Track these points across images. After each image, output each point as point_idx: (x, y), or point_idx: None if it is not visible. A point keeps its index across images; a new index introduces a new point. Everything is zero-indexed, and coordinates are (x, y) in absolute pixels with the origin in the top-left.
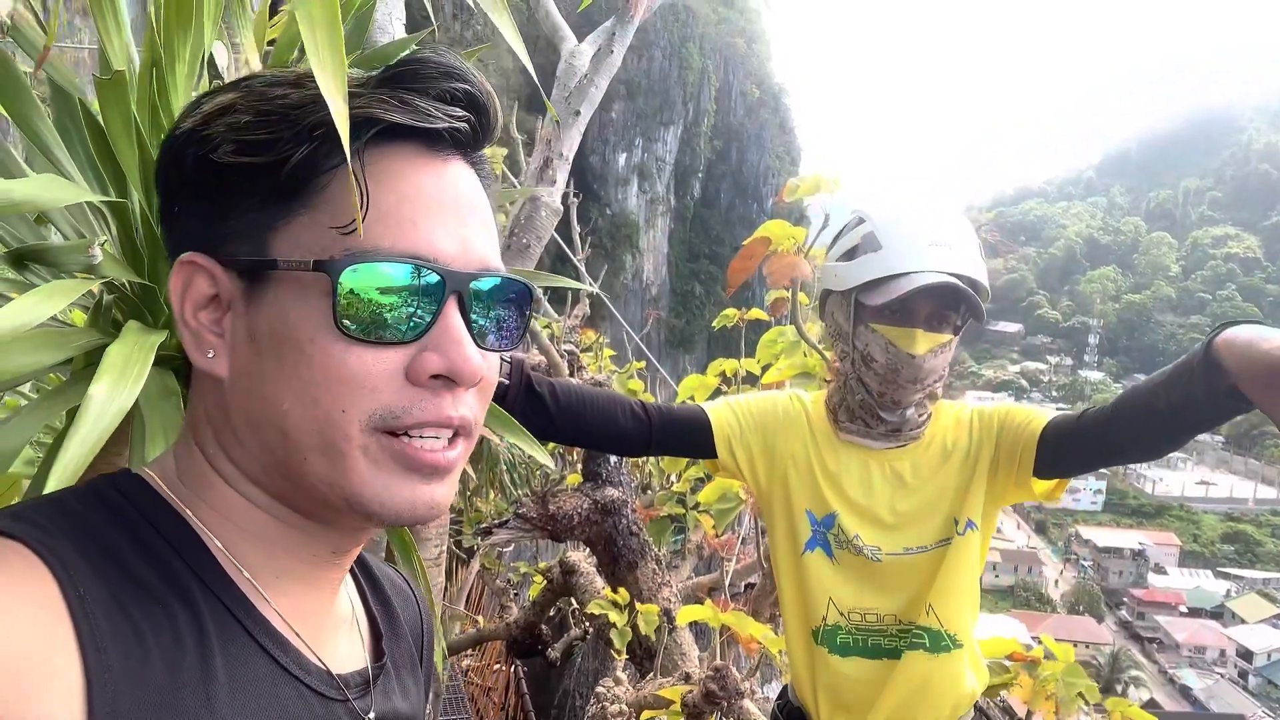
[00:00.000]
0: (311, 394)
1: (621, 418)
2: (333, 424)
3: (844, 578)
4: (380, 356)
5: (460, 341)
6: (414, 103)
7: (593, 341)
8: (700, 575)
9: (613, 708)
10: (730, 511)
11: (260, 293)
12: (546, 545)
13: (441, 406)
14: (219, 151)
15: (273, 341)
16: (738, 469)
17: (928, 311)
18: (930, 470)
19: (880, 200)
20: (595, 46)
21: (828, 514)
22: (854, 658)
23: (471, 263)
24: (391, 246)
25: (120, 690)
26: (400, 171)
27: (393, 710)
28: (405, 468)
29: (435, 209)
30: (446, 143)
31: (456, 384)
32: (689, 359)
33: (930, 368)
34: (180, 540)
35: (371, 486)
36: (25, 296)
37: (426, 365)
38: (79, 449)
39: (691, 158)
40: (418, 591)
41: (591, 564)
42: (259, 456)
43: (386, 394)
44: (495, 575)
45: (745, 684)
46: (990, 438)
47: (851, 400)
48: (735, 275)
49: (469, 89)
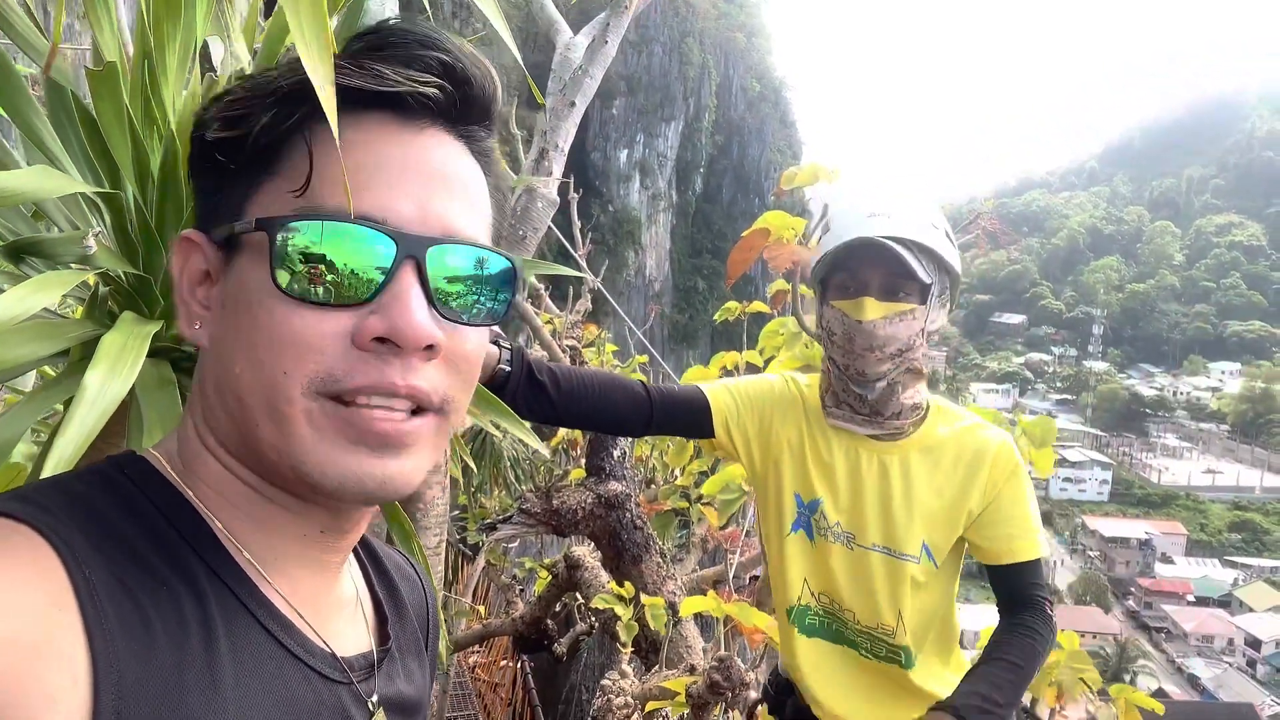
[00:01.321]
0: (258, 356)
1: (622, 399)
2: (275, 386)
3: (819, 562)
4: (325, 318)
5: (407, 306)
6: (374, 68)
7: (595, 337)
8: (705, 568)
9: (618, 700)
10: (734, 502)
11: (233, 262)
12: (552, 540)
13: (386, 372)
14: (209, 130)
15: (233, 306)
16: (734, 449)
17: (879, 281)
18: (920, 478)
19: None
20: (590, 38)
21: (814, 499)
22: (816, 639)
23: (431, 228)
24: (337, 206)
25: (125, 671)
26: (365, 139)
27: (397, 693)
28: (351, 438)
29: (396, 175)
30: (421, 113)
31: (401, 349)
32: (693, 354)
33: (886, 335)
34: (182, 521)
35: (314, 454)
36: (18, 288)
37: (370, 329)
38: (74, 436)
39: (693, 153)
40: (423, 575)
41: (596, 559)
42: (226, 426)
43: (330, 357)
44: (500, 571)
45: (750, 674)
46: (987, 499)
47: (835, 384)
48: (735, 266)
49: (444, 58)
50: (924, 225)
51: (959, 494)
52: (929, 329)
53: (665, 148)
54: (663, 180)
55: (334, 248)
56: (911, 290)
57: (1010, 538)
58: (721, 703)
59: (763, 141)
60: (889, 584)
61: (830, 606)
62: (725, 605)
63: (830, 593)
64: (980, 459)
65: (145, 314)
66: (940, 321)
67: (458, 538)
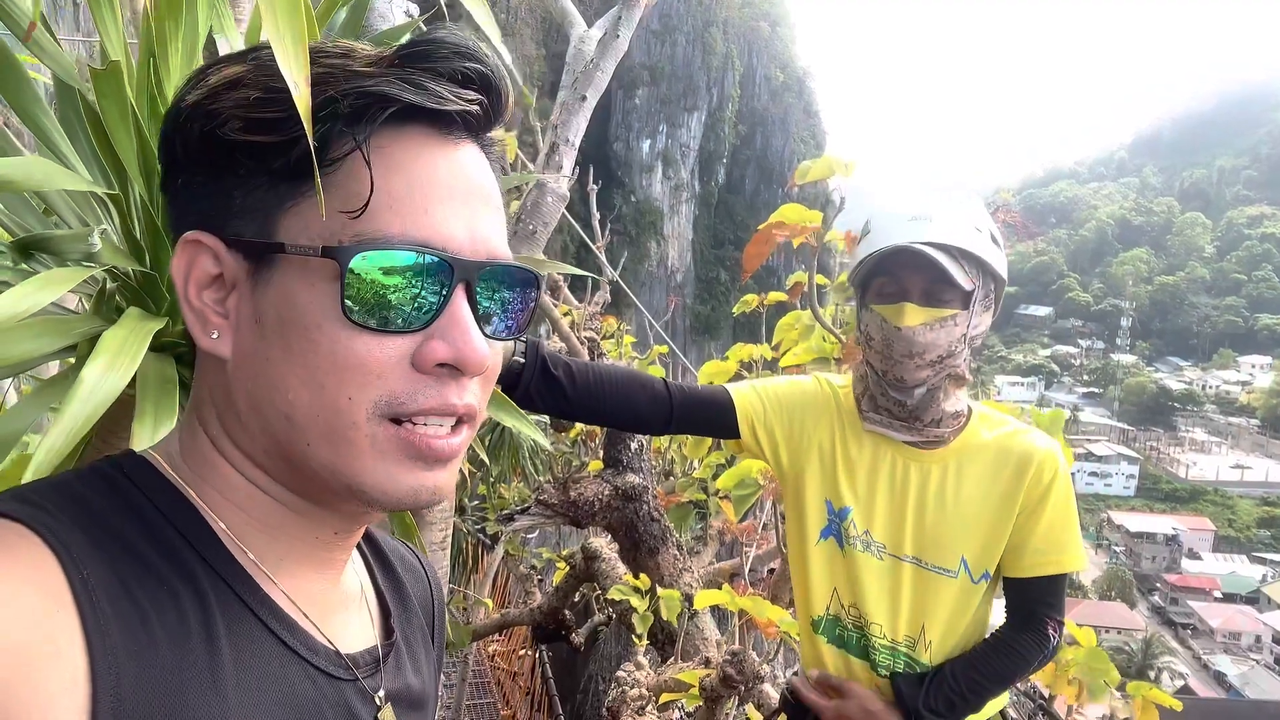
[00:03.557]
0: (318, 380)
1: (641, 396)
2: (339, 411)
3: (849, 572)
4: (387, 344)
5: (468, 331)
6: (426, 84)
7: (614, 329)
8: (722, 560)
9: (632, 692)
10: (749, 497)
11: (267, 275)
12: (570, 531)
13: (446, 395)
14: (226, 128)
15: (279, 325)
16: (761, 451)
17: (921, 287)
18: (961, 487)
19: (886, 190)
20: (602, 31)
21: (844, 506)
22: (843, 652)
23: (479, 251)
24: (402, 233)
25: (124, 671)
26: (412, 155)
27: (404, 686)
28: (410, 455)
29: (446, 195)
30: (458, 126)
31: (462, 373)
32: (714, 345)
33: (927, 342)
34: (184, 522)
35: (374, 474)
36: (24, 284)
37: (433, 354)
38: (65, 428)
39: (716, 143)
40: (429, 567)
41: (613, 550)
42: (261, 440)
43: (392, 381)
44: (519, 561)
45: (765, 667)
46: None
47: (873, 388)
48: (750, 260)
49: (482, 70)
50: (968, 229)
51: (1001, 503)
52: (971, 334)
53: (688, 138)
54: (685, 171)
55: (399, 275)
56: (953, 296)
57: (1037, 551)
58: (735, 696)
59: (786, 132)
60: (918, 597)
61: (859, 620)
62: (739, 599)
63: (859, 604)
64: (1025, 466)
65: (152, 310)
66: (984, 326)
67: (476, 527)
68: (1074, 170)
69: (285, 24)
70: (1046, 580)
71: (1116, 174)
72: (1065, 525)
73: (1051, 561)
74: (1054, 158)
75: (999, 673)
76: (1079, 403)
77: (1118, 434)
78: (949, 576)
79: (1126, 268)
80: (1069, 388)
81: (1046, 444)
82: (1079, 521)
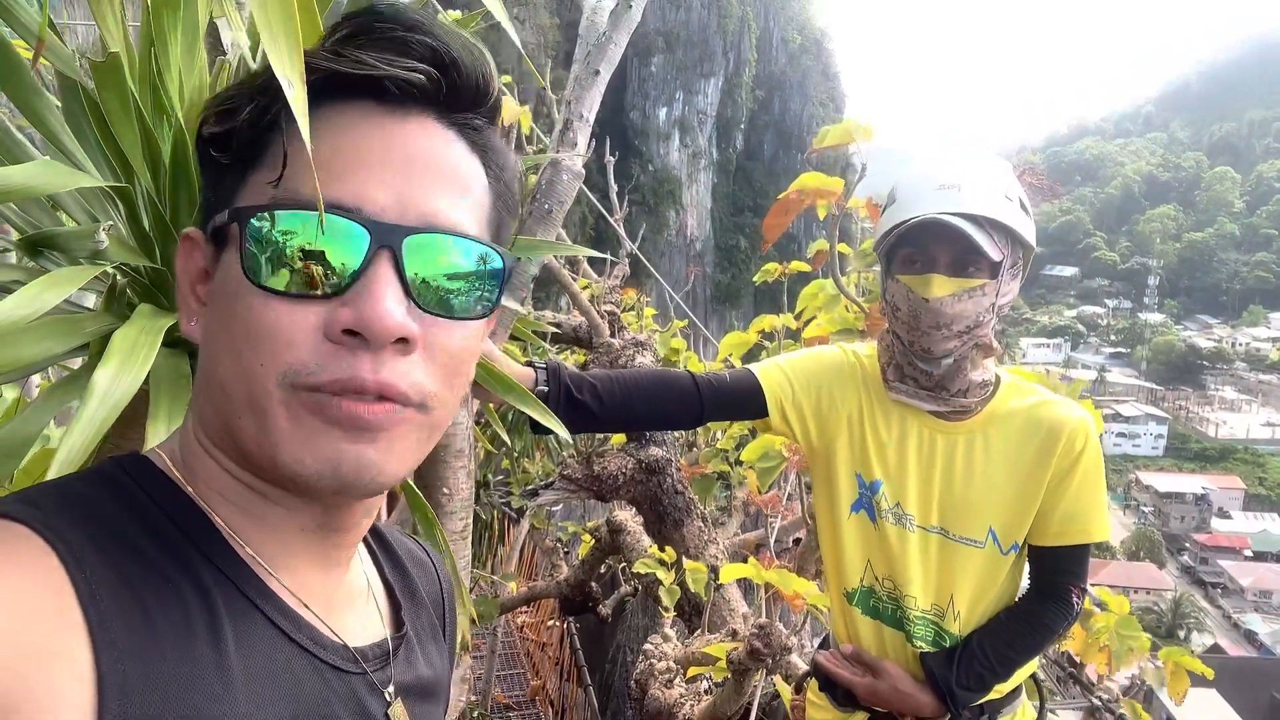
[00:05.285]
0: (236, 347)
1: (669, 399)
2: (252, 378)
3: (882, 544)
4: (297, 310)
5: (376, 296)
6: (354, 55)
7: (634, 301)
8: (747, 532)
9: (660, 665)
10: (773, 470)
11: (221, 256)
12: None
13: (356, 366)
14: (204, 126)
15: (217, 300)
16: (791, 431)
17: (948, 258)
18: (988, 457)
19: (916, 156)
20: (615, 2)
21: (875, 479)
22: (878, 623)
23: (410, 218)
24: (311, 195)
25: (130, 669)
26: (346, 126)
27: (415, 678)
28: (326, 420)
29: (374, 163)
30: (406, 100)
31: (370, 342)
32: (735, 314)
33: (954, 313)
34: (186, 519)
35: (290, 443)
36: (32, 284)
37: (338, 319)
38: (83, 433)
39: (733, 109)
40: (438, 562)
41: (639, 523)
42: (215, 421)
43: (301, 350)
44: (545, 535)
45: (793, 639)
46: (1054, 479)
47: (899, 358)
48: (771, 231)
49: (430, 42)
50: (997, 198)
51: (1031, 473)
52: (999, 303)
53: (705, 104)
54: (703, 138)
55: (306, 238)
56: (981, 266)
57: (1064, 520)
58: (763, 669)
59: (804, 95)
60: (945, 568)
61: (894, 592)
62: (765, 572)
63: (893, 576)
64: (1055, 436)
65: (165, 306)
66: (1012, 294)
67: (502, 501)
68: (1100, 126)
69: (278, 23)
70: (1072, 549)
71: (1143, 129)
72: (1094, 495)
73: (1078, 530)
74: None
75: (1026, 643)
76: (1106, 363)
77: (1146, 394)
78: (975, 547)
79: (1154, 225)
80: (1096, 348)
81: (1078, 414)
82: (1106, 485)
